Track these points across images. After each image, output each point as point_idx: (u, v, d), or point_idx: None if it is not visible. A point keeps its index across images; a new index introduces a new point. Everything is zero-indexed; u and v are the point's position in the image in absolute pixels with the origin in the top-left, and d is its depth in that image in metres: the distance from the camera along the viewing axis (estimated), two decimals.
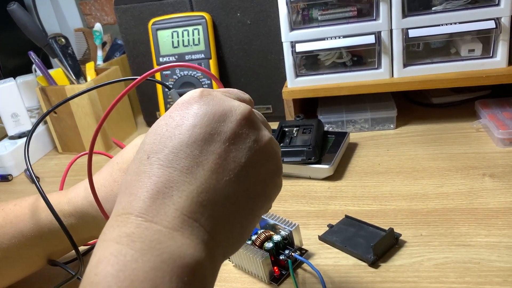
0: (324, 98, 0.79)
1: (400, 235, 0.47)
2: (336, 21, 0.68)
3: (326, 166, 0.60)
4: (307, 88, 0.71)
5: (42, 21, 1.14)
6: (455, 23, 0.63)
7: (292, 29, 0.69)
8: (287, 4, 0.66)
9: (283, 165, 0.57)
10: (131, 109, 0.90)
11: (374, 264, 0.44)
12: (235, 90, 0.35)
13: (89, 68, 0.87)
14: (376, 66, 0.69)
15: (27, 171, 0.79)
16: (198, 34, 0.75)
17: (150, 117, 0.89)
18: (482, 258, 0.43)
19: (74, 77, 0.83)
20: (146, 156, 0.28)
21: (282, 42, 0.70)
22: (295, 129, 0.67)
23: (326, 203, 0.56)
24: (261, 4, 0.74)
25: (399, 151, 0.66)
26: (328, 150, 0.64)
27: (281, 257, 0.46)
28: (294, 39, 0.69)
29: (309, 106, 0.80)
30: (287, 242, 0.48)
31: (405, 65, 0.68)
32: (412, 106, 0.81)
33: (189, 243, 0.25)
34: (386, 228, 0.47)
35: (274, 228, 0.49)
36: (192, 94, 0.31)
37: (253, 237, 0.47)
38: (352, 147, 0.69)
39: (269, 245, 0.46)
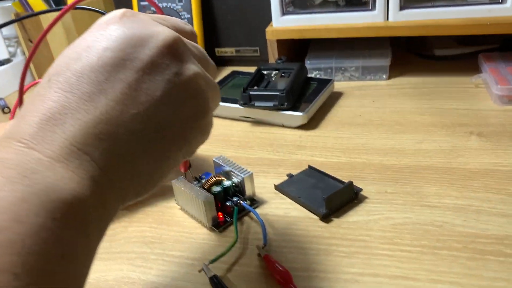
0: (317, 41, 0.73)
1: (361, 189, 0.42)
2: None
3: (300, 114, 0.55)
4: (293, 28, 0.65)
5: None
6: None
7: None
8: None
9: (256, 110, 0.53)
10: None
11: (326, 218, 0.40)
12: (174, 18, 0.30)
13: None
14: (370, 8, 0.62)
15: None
16: None
17: None
18: (446, 221, 0.38)
19: (53, 4, 0.78)
20: (48, 78, 0.24)
21: None
22: (274, 72, 0.62)
23: (293, 153, 0.52)
24: None
25: (385, 103, 0.60)
26: (307, 98, 0.58)
27: (227, 203, 0.42)
28: None
29: (300, 49, 0.74)
30: (239, 189, 0.44)
31: (402, 8, 0.60)
32: (412, 56, 0.74)
33: (71, 176, 0.21)
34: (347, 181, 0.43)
35: (228, 175, 0.45)
36: (113, 14, 0.26)
37: (203, 181, 0.44)
38: (336, 96, 0.63)
39: (217, 189, 0.42)
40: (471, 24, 0.57)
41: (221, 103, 0.61)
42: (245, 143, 0.55)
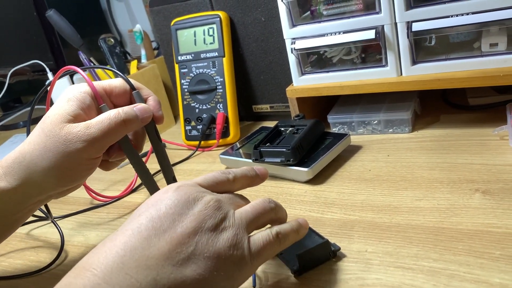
0: (345, 96, 0.75)
1: (339, 248, 0.43)
2: (340, 16, 0.64)
3: (305, 169, 0.57)
4: (310, 86, 0.68)
5: (115, 20, 1.27)
6: (468, 14, 0.55)
7: (293, 25, 0.67)
8: (282, 1, 0.64)
9: (267, 165, 0.59)
10: (169, 102, 0.96)
11: (298, 274, 0.42)
12: (210, 176, 0.40)
13: (133, 66, 0.94)
14: (383, 64, 0.63)
15: None
16: (213, 33, 0.77)
17: None
18: (415, 284, 0.37)
19: (98, 79, 0.91)
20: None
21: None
22: (290, 129, 0.65)
23: (293, 207, 0.54)
24: (274, 1, 0.73)
25: (399, 157, 0.60)
26: (318, 153, 0.61)
27: None
28: (294, 36, 0.66)
29: (329, 105, 0.77)
30: None
31: (415, 62, 0.61)
32: (446, 106, 0.72)
33: None
34: (334, 239, 0.44)
35: None
36: (173, 185, 0.38)
37: None
38: (354, 150, 0.64)
39: None
40: (482, 76, 0.55)
41: (241, 159, 0.66)
42: (255, 197, 0.58)
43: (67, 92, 0.46)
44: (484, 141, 0.58)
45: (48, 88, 0.53)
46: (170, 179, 0.49)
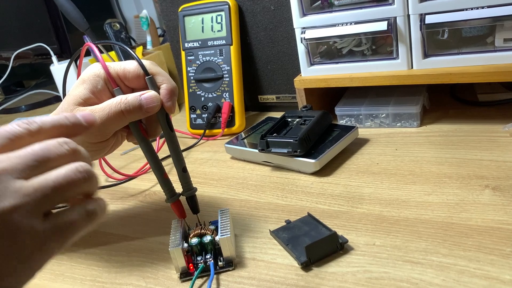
0: (353, 89, 0.74)
1: (347, 240, 0.43)
2: (352, 6, 0.63)
3: (312, 161, 0.57)
4: (319, 77, 0.67)
5: (120, 6, 1.26)
6: (483, 7, 0.54)
7: (303, 14, 0.65)
8: None
9: (274, 156, 0.60)
10: None
11: (306, 266, 0.41)
12: (4, 131, 0.30)
13: (138, 52, 0.93)
14: (394, 56, 0.62)
15: None
16: (221, 20, 0.76)
17: None
18: (424, 279, 0.37)
19: (123, 60, 0.90)
20: None
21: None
22: (296, 120, 0.65)
23: (299, 198, 0.53)
24: None
25: (408, 151, 0.59)
26: (325, 145, 0.60)
27: (198, 258, 0.44)
28: (305, 25, 0.65)
29: (337, 96, 0.76)
30: (219, 248, 0.44)
31: (426, 56, 0.60)
32: (455, 102, 0.72)
33: None
34: (341, 232, 0.43)
35: (217, 230, 0.45)
36: None
37: (191, 231, 0.46)
38: (361, 143, 0.64)
39: (194, 241, 0.45)
40: (494, 71, 0.54)
41: (246, 149, 0.65)
42: (260, 187, 0.58)
43: (84, 73, 0.46)
44: (494, 138, 0.58)
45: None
46: (180, 170, 0.48)
